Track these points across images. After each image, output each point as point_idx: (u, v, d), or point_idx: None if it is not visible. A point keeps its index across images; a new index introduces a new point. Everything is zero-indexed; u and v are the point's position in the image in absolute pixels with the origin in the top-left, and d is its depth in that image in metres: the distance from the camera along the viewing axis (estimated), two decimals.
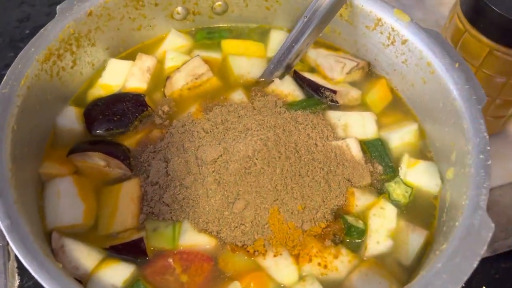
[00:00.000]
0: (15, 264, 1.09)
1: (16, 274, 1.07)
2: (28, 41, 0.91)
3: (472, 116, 0.86)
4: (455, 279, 0.67)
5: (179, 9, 1.13)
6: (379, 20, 1.04)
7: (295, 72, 1.09)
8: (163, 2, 1.10)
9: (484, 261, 1.12)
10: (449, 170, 0.90)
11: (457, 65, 0.93)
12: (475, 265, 0.69)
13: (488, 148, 0.82)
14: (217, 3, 1.15)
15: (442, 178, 0.94)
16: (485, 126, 0.84)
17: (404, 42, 1.01)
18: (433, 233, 0.88)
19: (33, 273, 0.66)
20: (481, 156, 0.81)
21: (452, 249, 0.71)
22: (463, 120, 0.87)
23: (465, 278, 0.68)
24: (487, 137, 0.83)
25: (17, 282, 1.06)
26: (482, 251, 0.70)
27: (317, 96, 1.06)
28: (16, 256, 1.09)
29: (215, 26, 1.19)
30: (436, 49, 0.96)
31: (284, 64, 1.09)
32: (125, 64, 1.08)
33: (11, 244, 0.68)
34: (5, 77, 0.85)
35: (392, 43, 1.04)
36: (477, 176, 0.79)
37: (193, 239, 0.85)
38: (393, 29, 1.02)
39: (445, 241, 0.75)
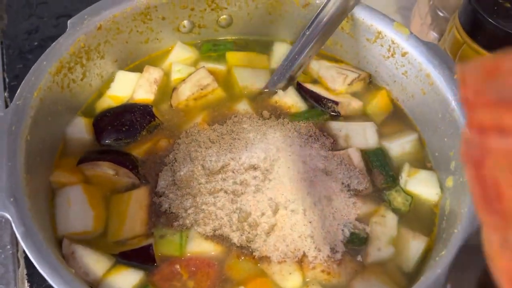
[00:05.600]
0: (25, 271, 1.11)
1: (26, 281, 1.09)
2: (37, 53, 0.94)
3: None
4: None
5: (185, 22, 1.15)
6: (380, 33, 1.06)
7: (298, 84, 1.11)
8: (169, 16, 1.12)
9: None
10: (448, 178, 0.92)
11: (455, 76, 0.95)
12: None
13: None
14: (222, 17, 1.17)
15: (442, 187, 0.96)
16: None
17: (404, 54, 1.04)
18: (433, 240, 0.89)
19: (47, 278, 0.68)
20: None
21: (451, 256, 0.73)
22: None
23: None
24: None
25: None
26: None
27: (319, 107, 1.09)
28: (25, 264, 1.11)
29: (220, 38, 1.21)
30: (435, 61, 0.99)
31: (287, 76, 1.11)
32: (133, 76, 1.10)
33: (26, 250, 0.70)
34: (19, 89, 0.87)
35: (392, 55, 1.07)
36: None
37: (199, 246, 0.87)
38: (393, 42, 1.05)
39: (444, 248, 0.77)
